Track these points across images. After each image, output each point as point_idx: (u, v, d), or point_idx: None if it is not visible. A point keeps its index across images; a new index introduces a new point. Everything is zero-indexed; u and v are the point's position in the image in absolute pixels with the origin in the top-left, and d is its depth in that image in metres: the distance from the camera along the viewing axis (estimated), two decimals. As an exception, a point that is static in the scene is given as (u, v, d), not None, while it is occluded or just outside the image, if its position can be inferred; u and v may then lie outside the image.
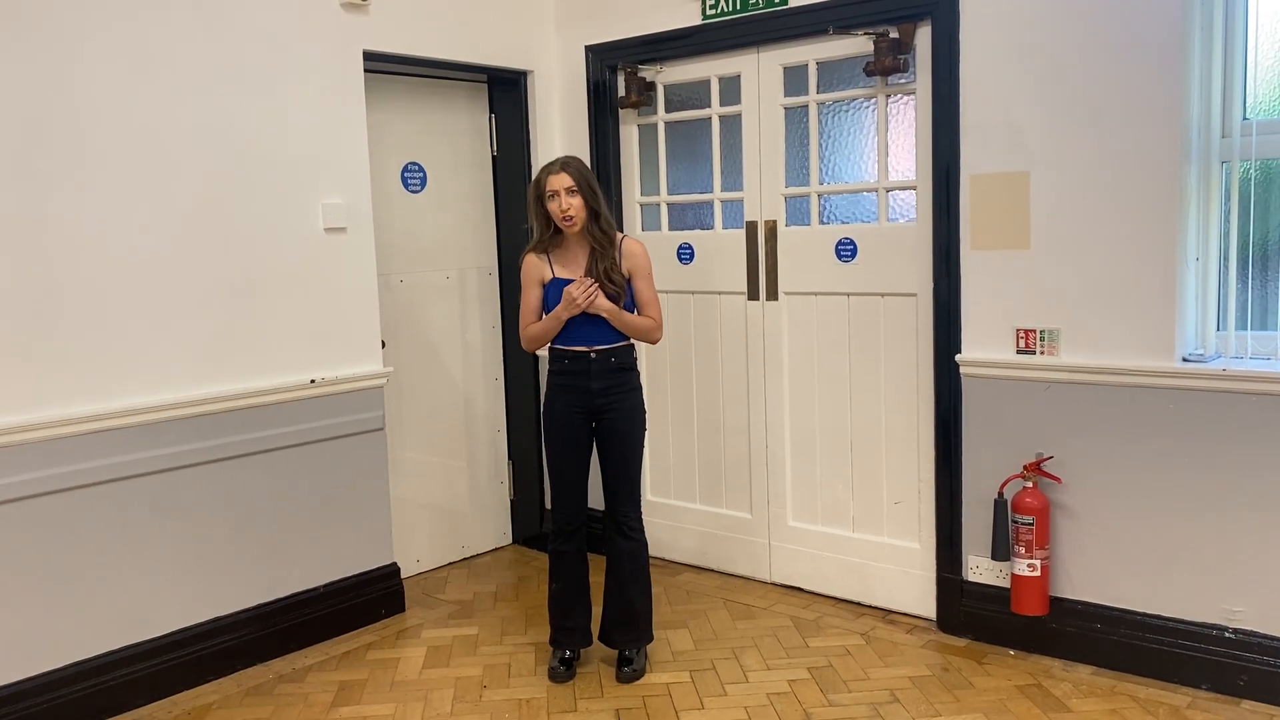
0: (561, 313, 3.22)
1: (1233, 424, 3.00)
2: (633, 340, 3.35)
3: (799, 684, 3.27)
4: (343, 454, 3.80)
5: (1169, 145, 3.04)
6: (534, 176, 3.33)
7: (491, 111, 4.59)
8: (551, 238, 3.31)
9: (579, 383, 3.29)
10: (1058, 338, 3.30)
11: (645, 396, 3.45)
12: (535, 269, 3.33)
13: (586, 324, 3.26)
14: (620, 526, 3.37)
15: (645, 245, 3.39)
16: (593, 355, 3.27)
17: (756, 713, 3.09)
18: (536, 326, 3.34)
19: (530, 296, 3.35)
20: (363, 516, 3.89)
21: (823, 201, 3.93)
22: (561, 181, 3.21)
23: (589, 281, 3.20)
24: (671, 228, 4.40)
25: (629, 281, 3.29)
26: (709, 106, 4.16)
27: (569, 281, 3.25)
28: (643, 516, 3.42)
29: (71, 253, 3.09)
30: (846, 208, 3.92)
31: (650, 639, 3.45)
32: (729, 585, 4.20)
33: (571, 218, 3.20)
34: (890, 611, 3.83)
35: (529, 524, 4.76)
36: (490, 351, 4.68)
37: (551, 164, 3.29)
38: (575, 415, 3.32)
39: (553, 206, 3.22)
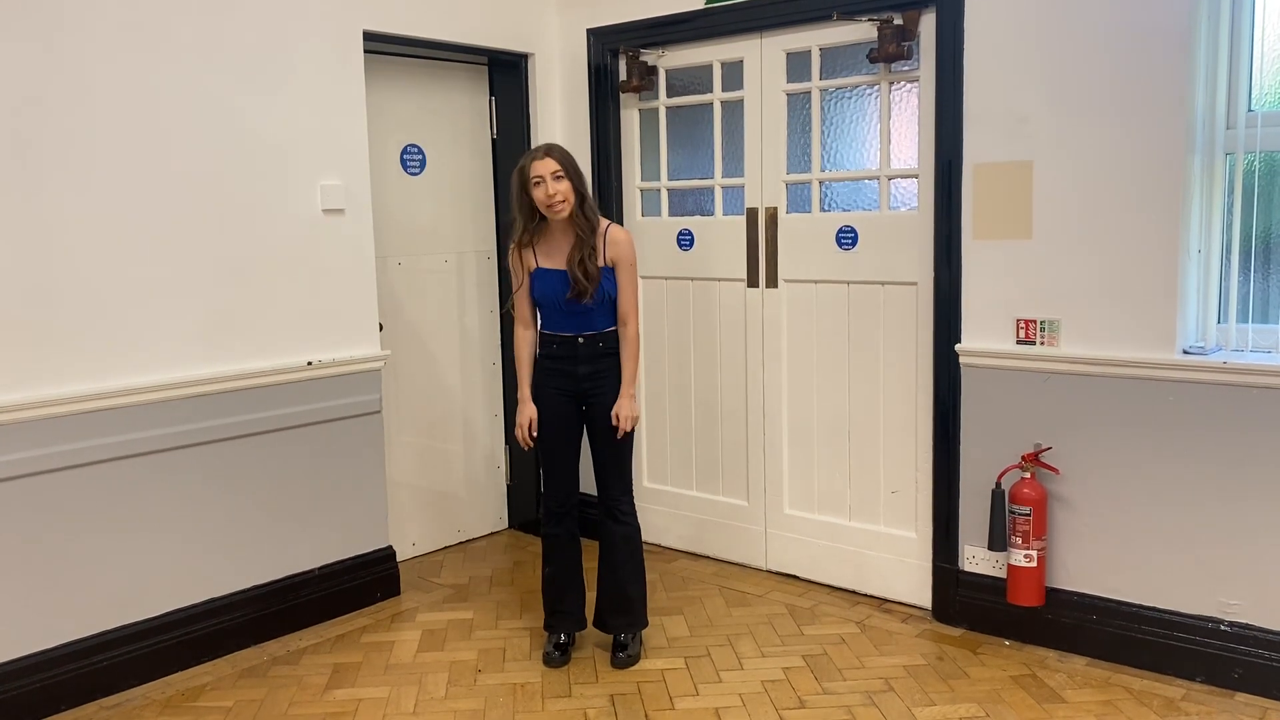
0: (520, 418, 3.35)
1: (1232, 417, 2.99)
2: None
3: (793, 672, 3.28)
4: (339, 436, 3.79)
5: (1173, 136, 3.02)
6: (517, 165, 3.26)
7: (492, 94, 4.56)
8: (535, 227, 3.26)
9: (567, 367, 3.29)
10: (1058, 329, 3.29)
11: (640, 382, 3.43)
12: (518, 260, 3.32)
13: (574, 313, 3.24)
14: (612, 511, 3.36)
15: (632, 235, 3.34)
16: (580, 340, 3.26)
17: (751, 700, 3.10)
18: (516, 350, 3.39)
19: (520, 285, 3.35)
20: (358, 499, 3.88)
21: (824, 189, 3.91)
22: (547, 167, 3.15)
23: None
24: (672, 213, 4.37)
25: (611, 270, 3.25)
26: (711, 91, 4.13)
27: (552, 271, 3.23)
28: (635, 501, 3.41)
29: (68, 232, 3.07)
30: (848, 195, 3.90)
31: (644, 624, 3.45)
32: (724, 572, 4.20)
33: (560, 203, 3.16)
34: (886, 600, 3.83)
35: (525, 508, 4.75)
36: (488, 336, 4.66)
37: (535, 150, 3.25)
38: (564, 399, 3.31)
39: (538, 193, 3.16)
